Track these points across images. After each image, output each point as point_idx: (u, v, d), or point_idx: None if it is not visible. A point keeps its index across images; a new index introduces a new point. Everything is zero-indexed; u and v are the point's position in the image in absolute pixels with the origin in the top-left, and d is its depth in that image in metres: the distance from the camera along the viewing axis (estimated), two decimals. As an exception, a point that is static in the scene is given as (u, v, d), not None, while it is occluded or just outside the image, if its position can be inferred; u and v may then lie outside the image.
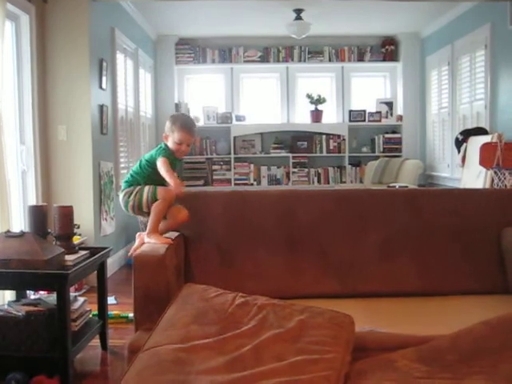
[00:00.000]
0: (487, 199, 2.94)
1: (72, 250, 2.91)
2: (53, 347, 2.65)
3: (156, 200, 2.70)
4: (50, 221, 3.10)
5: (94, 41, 4.77)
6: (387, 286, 2.68)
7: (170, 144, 2.83)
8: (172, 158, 2.81)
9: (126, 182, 2.87)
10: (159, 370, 1.74)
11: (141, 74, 6.60)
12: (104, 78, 5.04)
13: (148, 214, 2.73)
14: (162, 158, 2.75)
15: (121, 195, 2.84)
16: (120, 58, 5.71)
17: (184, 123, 2.85)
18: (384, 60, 7.89)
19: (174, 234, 2.68)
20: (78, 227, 4.33)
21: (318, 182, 7.83)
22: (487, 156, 4.72)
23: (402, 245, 2.76)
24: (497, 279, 2.72)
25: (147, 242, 2.60)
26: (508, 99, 5.13)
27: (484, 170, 4.81)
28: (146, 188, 2.75)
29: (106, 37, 5.29)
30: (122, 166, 5.73)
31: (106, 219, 5.06)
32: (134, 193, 2.77)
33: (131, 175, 2.87)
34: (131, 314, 3.55)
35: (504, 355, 1.58)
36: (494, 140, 4.73)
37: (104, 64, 5.04)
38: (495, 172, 4.66)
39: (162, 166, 2.74)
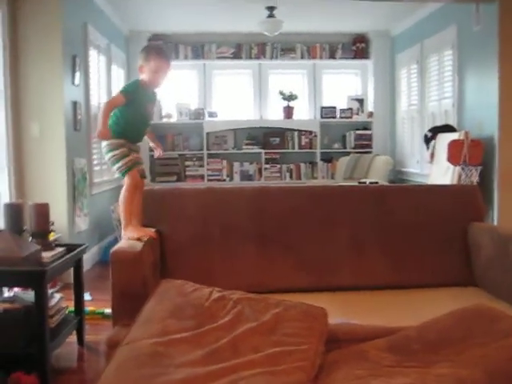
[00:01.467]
0: (454, 195, 3.05)
1: (48, 247, 2.93)
2: (30, 344, 2.67)
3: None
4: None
5: (66, 37, 4.75)
6: (358, 279, 2.77)
7: (146, 75, 2.77)
8: (141, 95, 2.76)
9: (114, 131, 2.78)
10: (138, 364, 1.78)
11: (114, 69, 6.58)
12: (77, 74, 5.03)
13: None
14: (118, 94, 2.73)
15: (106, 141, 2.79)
16: (93, 53, 5.69)
17: (159, 50, 2.81)
18: (355, 57, 7.99)
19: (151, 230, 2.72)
20: (53, 224, 4.30)
21: (290, 177, 7.91)
22: (455, 153, 4.85)
23: (372, 239, 2.85)
24: (463, 272, 2.83)
25: (125, 237, 2.61)
26: (474, 98, 5.28)
27: (452, 166, 4.94)
28: (119, 163, 2.74)
29: (79, 33, 5.27)
30: (96, 162, 5.72)
31: (79, 216, 5.06)
32: (115, 154, 2.75)
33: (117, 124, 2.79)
34: (107, 310, 3.62)
35: (467, 344, 1.67)
36: (461, 137, 4.87)
37: (77, 60, 5.02)
38: (462, 168, 4.80)
39: (104, 105, 2.72)
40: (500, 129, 4.77)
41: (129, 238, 2.58)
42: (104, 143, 2.80)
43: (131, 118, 2.79)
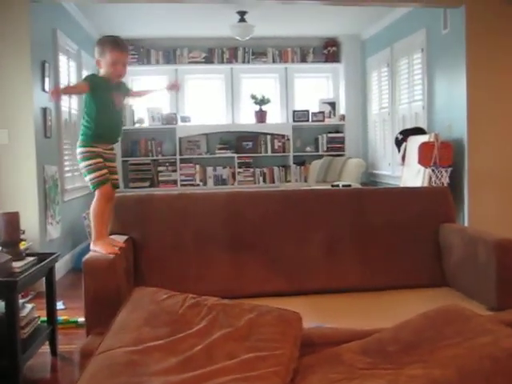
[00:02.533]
0: (425, 197, 3.09)
1: (19, 256, 2.87)
2: (1, 355, 2.62)
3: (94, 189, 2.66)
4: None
5: (35, 42, 4.69)
6: (333, 282, 2.78)
7: (104, 69, 2.68)
8: (104, 85, 2.66)
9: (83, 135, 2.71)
10: (113, 373, 1.76)
11: (84, 75, 6.51)
12: (47, 80, 4.96)
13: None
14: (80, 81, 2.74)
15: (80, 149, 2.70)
16: (62, 59, 5.63)
17: (114, 41, 2.69)
18: (326, 61, 8.06)
19: (121, 239, 2.67)
20: (23, 232, 4.24)
21: (264, 181, 7.93)
22: (425, 155, 4.92)
23: (346, 242, 2.87)
24: (435, 273, 2.87)
25: (94, 251, 2.51)
26: (443, 100, 5.36)
27: (423, 168, 5.01)
28: (92, 175, 2.65)
29: (48, 38, 5.21)
30: (67, 169, 5.65)
31: (51, 223, 4.99)
32: (89, 164, 2.66)
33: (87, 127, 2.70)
34: (81, 319, 3.57)
35: (439, 344, 1.69)
36: (432, 139, 4.94)
37: (46, 66, 4.96)
38: (433, 170, 4.87)
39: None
40: (469, 130, 4.85)
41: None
42: (79, 150, 2.70)
43: (102, 117, 2.67)
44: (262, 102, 7.85)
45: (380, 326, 1.97)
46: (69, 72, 5.87)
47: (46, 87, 4.96)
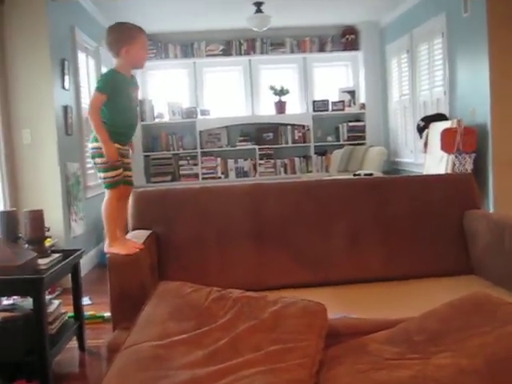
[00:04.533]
0: (448, 184, 3.05)
1: (45, 253, 2.91)
2: (31, 351, 2.66)
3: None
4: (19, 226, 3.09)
5: (54, 41, 4.73)
6: (356, 272, 2.77)
7: (131, 57, 2.50)
8: (123, 82, 2.50)
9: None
10: (140, 367, 1.78)
11: (103, 72, 6.55)
12: (66, 78, 5.01)
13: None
14: (95, 93, 2.42)
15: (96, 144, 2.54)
16: (81, 57, 5.67)
17: (135, 25, 2.52)
18: (345, 49, 7.99)
19: (145, 234, 2.68)
20: (48, 230, 4.28)
21: (285, 172, 7.91)
22: (448, 141, 4.86)
23: (369, 232, 2.85)
24: (460, 261, 2.83)
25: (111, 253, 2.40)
26: (465, 85, 5.28)
27: (446, 154, 4.95)
28: (108, 173, 2.53)
29: (67, 36, 5.25)
30: (89, 166, 5.69)
31: (75, 220, 5.05)
32: (104, 162, 2.52)
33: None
34: (107, 314, 3.61)
35: (467, 333, 1.67)
36: (454, 126, 4.87)
37: (66, 64, 5.00)
38: (456, 156, 4.80)
39: (90, 108, 2.42)
40: (492, 115, 4.77)
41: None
42: (94, 145, 2.53)
43: (120, 115, 2.55)
44: (282, 92, 7.81)
45: (406, 316, 1.95)
46: (88, 69, 5.91)
47: (66, 85, 5.00)
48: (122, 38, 2.51)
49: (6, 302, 3.24)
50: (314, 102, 7.93)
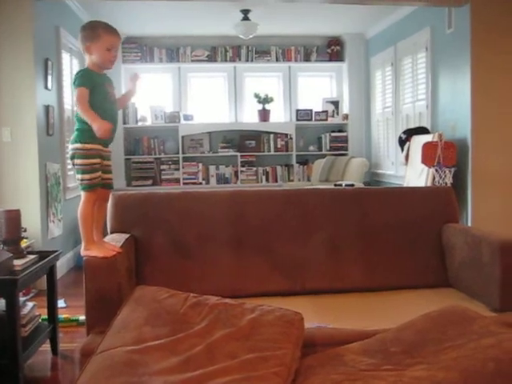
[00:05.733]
0: (428, 197, 3.07)
1: (20, 254, 2.87)
2: (2, 354, 2.61)
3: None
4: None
5: (38, 40, 4.68)
6: (335, 282, 2.77)
7: (97, 56, 2.47)
8: (98, 79, 2.47)
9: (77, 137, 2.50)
10: (113, 373, 1.75)
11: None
12: (49, 78, 4.96)
13: None
14: (78, 90, 2.35)
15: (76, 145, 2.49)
16: (65, 57, 5.63)
17: (108, 25, 2.48)
18: (330, 60, 8.03)
19: (123, 237, 2.65)
20: (25, 230, 4.22)
21: (267, 180, 7.91)
22: (429, 154, 4.90)
23: (348, 242, 2.86)
24: (438, 273, 2.86)
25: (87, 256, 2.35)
26: (447, 100, 5.34)
27: (426, 167, 4.99)
28: (85, 175, 2.49)
29: (51, 36, 5.21)
30: (70, 167, 5.64)
31: (53, 221, 4.98)
32: (84, 163, 2.48)
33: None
34: (82, 317, 3.56)
35: (443, 346, 1.67)
36: (435, 139, 4.92)
37: (49, 63, 4.95)
38: (436, 170, 4.84)
39: (77, 103, 2.34)
40: (473, 130, 4.83)
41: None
42: (74, 146, 2.48)
43: (98, 112, 2.44)
44: (265, 100, 7.83)
45: (382, 327, 1.96)
46: (71, 70, 5.85)
47: (49, 85, 4.95)
48: (86, 35, 2.49)
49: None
50: (298, 111, 7.96)
